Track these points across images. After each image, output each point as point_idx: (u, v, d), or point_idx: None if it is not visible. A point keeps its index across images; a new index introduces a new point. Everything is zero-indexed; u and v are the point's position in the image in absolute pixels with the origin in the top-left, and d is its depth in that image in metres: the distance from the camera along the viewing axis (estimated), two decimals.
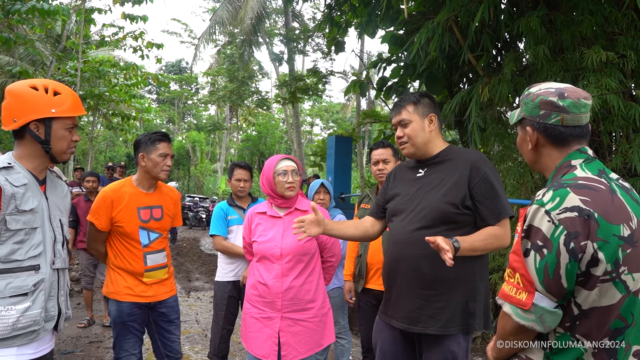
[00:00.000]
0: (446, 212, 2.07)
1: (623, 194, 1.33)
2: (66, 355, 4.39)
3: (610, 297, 1.26)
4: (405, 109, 2.23)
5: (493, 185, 2.07)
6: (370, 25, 6.71)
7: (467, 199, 2.06)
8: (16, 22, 8.62)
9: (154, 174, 2.81)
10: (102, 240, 2.82)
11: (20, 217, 1.71)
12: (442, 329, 2.06)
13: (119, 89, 13.67)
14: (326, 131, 36.22)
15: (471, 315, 2.08)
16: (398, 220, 2.22)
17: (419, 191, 2.19)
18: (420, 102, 2.23)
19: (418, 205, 2.15)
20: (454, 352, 2.07)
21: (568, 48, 4.37)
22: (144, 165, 2.81)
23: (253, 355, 2.52)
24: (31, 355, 1.74)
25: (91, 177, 5.62)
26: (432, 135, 2.22)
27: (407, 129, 2.21)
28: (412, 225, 2.13)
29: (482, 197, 2.06)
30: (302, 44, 18.45)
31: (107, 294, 2.82)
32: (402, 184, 2.30)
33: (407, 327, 2.13)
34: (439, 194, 2.10)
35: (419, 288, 2.10)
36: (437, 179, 2.16)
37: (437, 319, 2.06)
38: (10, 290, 1.67)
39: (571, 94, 1.40)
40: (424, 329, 2.08)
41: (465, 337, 2.11)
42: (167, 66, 36.16)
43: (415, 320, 2.10)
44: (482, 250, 2.03)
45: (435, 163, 2.22)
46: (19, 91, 1.78)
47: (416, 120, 2.20)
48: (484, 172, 2.08)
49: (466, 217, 2.08)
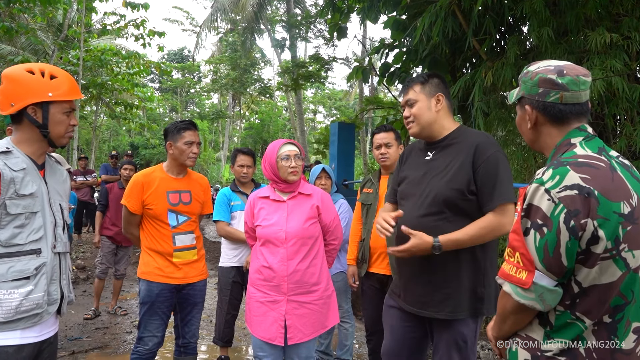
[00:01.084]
0: (451, 199, 2.06)
1: (623, 171, 1.32)
2: (73, 342, 4.44)
3: (610, 275, 1.25)
4: (412, 89, 2.23)
5: (494, 169, 2.03)
6: (373, 10, 6.63)
7: (471, 183, 2.05)
8: (17, 11, 8.59)
9: (181, 161, 2.96)
10: (136, 224, 2.98)
11: (20, 201, 1.71)
12: (451, 314, 2.09)
13: (122, 78, 13.66)
14: (329, 118, 36.13)
15: (480, 300, 2.10)
16: (407, 205, 2.23)
17: (426, 175, 2.19)
18: (428, 82, 2.22)
19: (425, 191, 2.15)
20: (463, 333, 2.10)
21: (572, 30, 4.31)
22: (171, 153, 2.95)
23: (258, 338, 2.54)
24: (35, 338, 1.75)
25: (128, 166, 5.61)
26: (440, 115, 2.21)
27: (413, 108, 2.22)
28: (419, 211, 2.14)
29: (482, 182, 2.04)
30: (304, 30, 18.30)
31: (139, 275, 2.95)
32: (412, 167, 2.31)
33: (417, 311, 2.17)
34: (444, 180, 2.10)
35: (427, 274, 2.12)
36: (443, 163, 2.15)
37: (446, 304, 2.09)
38: (12, 274, 1.68)
39: (570, 71, 1.38)
40: (434, 313, 2.11)
41: (475, 319, 2.13)
42: (169, 54, 36.04)
43: (425, 305, 2.14)
44: (471, 244, 2.04)
45: (443, 146, 2.21)
46: (15, 75, 1.78)
47: (422, 99, 2.20)
48: (487, 155, 2.05)
49: (472, 204, 2.06)
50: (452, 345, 2.11)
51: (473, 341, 2.14)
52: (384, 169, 3.23)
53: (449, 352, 2.11)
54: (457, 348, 2.10)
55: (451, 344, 2.11)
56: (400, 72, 6.65)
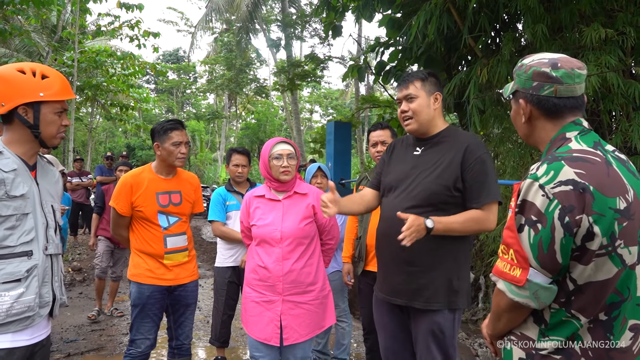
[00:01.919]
0: (437, 194, 2.12)
1: (619, 165, 1.30)
2: (68, 344, 4.42)
3: (606, 272, 1.24)
4: (413, 84, 2.24)
5: (484, 170, 2.11)
6: (367, 8, 6.61)
7: (458, 181, 2.12)
8: (11, 13, 8.55)
9: (169, 162, 2.89)
10: (125, 226, 2.92)
11: (10, 202, 1.69)
12: (425, 304, 2.13)
13: (117, 79, 13.61)
14: (325, 118, 36.08)
15: (455, 293, 2.15)
16: (391, 197, 2.27)
17: (414, 170, 2.23)
18: (427, 79, 2.25)
19: (411, 184, 2.19)
20: (439, 323, 2.13)
21: (567, 26, 4.31)
22: (159, 154, 2.88)
23: (254, 338, 2.53)
24: (27, 341, 1.73)
25: (124, 167, 5.57)
26: (436, 114, 2.26)
27: (412, 104, 2.22)
28: (404, 203, 2.17)
29: (472, 181, 2.10)
30: (300, 29, 18.27)
31: (130, 277, 2.89)
32: (399, 160, 2.34)
33: (392, 299, 2.22)
34: (432, 175, 2.15)
35: (404, 264, 2.17)
36: (432, 159, 2.20)
37: (420, 294, 2.14)
38: (3, 277, 1.66)
39: (565, 64, 1.37)
40: (408, 302, 2.16)
41: (451, 312, 2.17)
42: (164, 55, 35.91)
43: (400, 293, 2.19)
44: (459, 232, 2.09)
45: (433, 143, 2.25)
46: (6, 75, 1.75)
47: (422, 96, 2.22)
48: (477, 156, 2.12)
49: (456, 200, 2.13)
50: (429, 335, 2.14)
51: (452, 333, 2.16)
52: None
53: (427, 342, 2.15)
54: (435, 338, 2.13)
55: (428, 334, 2.14)
56: (396, 70, 6.64)
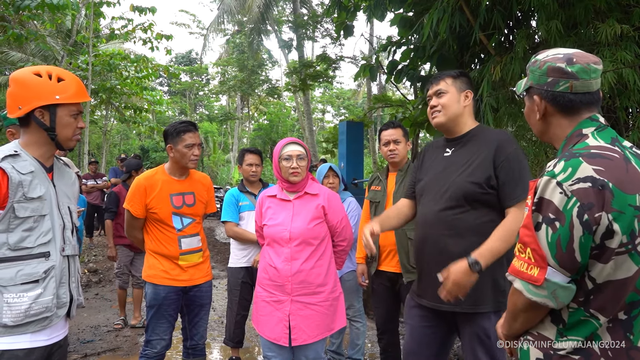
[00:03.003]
0: (471, 192, 2.09)
1: (638, 162, 1.27)
2: (85, 344, 4.47)
3: (625, 270, 1.21)
4: (444, 81, 2.25)
5: (516, 167, 2.07)
6: (379, 8, 6.59)
7: (492, 179, 2.08)
8: (27, 18, 8.69)
9: (182, 164, 2.91)
10: (139, 228, 2.95)
11: (28, 204, 1.71)
12: (471, 307, 2.08)
13: (130, 82, 13.76)
14: (338, 118, 36.01)
15: (502, 293, 2.09)
16: (425, 201, 2.25)
17: (446, 171, 2.21)
18: (459, 78, 2.26)
19: (444, 186, 2.17)
20: (485, 328, 2.08)
21: (581, 23, 4.25)
22: (172, 156, 2.90)
23: (265, 338, 2.54)
24: (45, 342, 1.75)
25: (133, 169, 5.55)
26: (465, 112, 2.25)
27: (442, 99, 2.23)
28: (438, 205, 2.15)
29: (505, 178, 2.07)
30: (311, 30, 18.27)
31: (145, 277, 2.92)
32: (430, 164, 2.34)
33: (437, 305, 2.15)
34: (464, 174, 2.13)
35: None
36: (463, 158, 2.18)
37: (467, 298, 2.04)
38: (21, 278, 1.68)
39: (580, 59, 1.34)
40: (453, 307, 2.10)
41: (497, 314, 2.09)
42: (177, 57, 36.15)
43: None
44: (506, 248, 1.97)
45: (463, 143, 2.24)
46: (22, 78, 1.78)
47: (452, 92, 2.22)
48: (508, 152, 2.09)
49: (491, 197, 2.09)
50: (475, 339, 2.10)
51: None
52: (392, 166, 3.21)
53: (473, 346, 2.11)
54: (480, 343, 2.09)
55: (473, 338, 2.10)
56: (408, 69, 6.60)
